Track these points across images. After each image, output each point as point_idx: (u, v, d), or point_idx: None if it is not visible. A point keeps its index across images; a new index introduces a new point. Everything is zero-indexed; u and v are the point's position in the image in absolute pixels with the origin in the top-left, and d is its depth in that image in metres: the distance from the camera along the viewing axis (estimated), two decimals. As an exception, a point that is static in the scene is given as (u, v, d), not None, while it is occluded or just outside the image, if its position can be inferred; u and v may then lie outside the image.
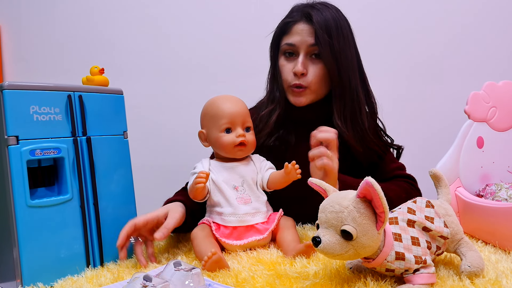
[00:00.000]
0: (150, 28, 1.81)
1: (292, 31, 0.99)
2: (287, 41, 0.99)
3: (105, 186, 0.81)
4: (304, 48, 0.97)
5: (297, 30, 0.98)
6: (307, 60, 0.98)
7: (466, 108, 0.91)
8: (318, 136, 0.85)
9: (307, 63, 0.98)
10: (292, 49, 0.99)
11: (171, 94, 1.81)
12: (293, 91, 1.00)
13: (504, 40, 1.64)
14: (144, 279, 0.59)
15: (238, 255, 0.79)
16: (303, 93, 0.99)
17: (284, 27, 1.00)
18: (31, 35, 1.89)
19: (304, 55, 0.97)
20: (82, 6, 1.84)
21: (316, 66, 0.98)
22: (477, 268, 0.62)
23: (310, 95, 1.00)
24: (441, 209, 0.66)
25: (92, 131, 0.80)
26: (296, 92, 0.99)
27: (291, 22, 0.99)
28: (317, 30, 0.94)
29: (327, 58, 0.95)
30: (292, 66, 0.99)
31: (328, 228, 0.57)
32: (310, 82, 0.98)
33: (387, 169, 1.03)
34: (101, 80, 0.85)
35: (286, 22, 1.00)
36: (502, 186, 0.89)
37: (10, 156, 0.69)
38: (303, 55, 0.97)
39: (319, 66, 0.97)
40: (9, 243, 0.71)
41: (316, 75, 0.97)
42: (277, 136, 1.03)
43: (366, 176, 0.55)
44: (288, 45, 0.99)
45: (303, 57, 0.97)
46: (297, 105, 1.01)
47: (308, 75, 0.97)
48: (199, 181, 0.79)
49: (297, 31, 0.98)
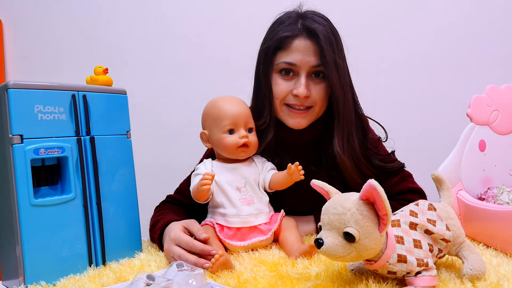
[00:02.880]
0: (154, 28, 1.81)
1: (292, 48, 0.88)
2: (286, 59, 0.89)
3: (108, 186, 0.82)
4: (306, 68, 0.88)
5: (298, 47, 0.88)
6: (309, 81, 0.90)
7: (469, 111, 0.92)
8: None
9: (309, 84, 0.90)
10: (292, 68, 0.90)
11: (174, 93, 1.81)
12: (292, 112, 0.92)
13: (507, 44, 1.65)
14: (148, 279, 0.59)
15: (240, 256, 0.79)
16: (306, 115, 0.92)
17: (281, 42, 0.89)
18: (33, 33, 1.90)
19: (306, 75, 0.89)
20: (85, 5, 1.85)
21: (319, 86, 0.90)
22: (479, 271, 0.62)
23: (312, 116, 0.93)
24: (443, 212, 0.66)
25: (96, 131, 0.80)
26: (296, 113, 0.91)
27: (289, 37, 0.88)
28: (324, 49, 0.85)
29: (335, 79, 0.87)
30: (291, 86, 0.90)
31: (330, 230, 0.58)
32: (314, 102, 0.91)
33: (389, 184, 0.97)
34: (105, 80, 0.86)
35: (284, 37, 0.89)
36: (503, 190, 0.89)
37: (14, 155, 0.69)
38: (304, 76, 0.89)
39: (322, 85, 0.90)
40: (12, 241, 0.71)
41: (319, 96, 0.90)
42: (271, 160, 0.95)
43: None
44: (287, 63, 0.89)
45: (305, 78, 0.89)
46: (296, 128, 0.93)
47: (310, 97, 0.90)
48: (205, 183, 0.79)
49: (297, 48, 0.88)
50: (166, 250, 0.79)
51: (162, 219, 0.88)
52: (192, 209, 0.97)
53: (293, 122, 0.93)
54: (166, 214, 0.90)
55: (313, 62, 0.88)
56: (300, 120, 0.92)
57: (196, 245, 0.75)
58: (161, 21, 1.81)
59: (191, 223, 0.82)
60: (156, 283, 0.58)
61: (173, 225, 0.83)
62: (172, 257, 0.77)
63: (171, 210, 0.94)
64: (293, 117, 0.92)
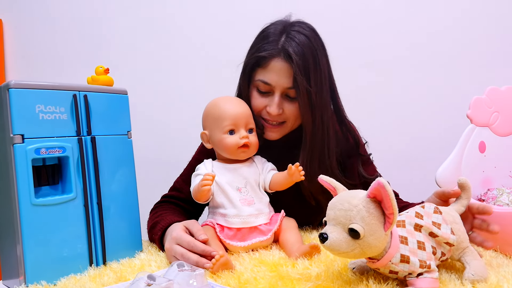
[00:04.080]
0: (155, 28, 1.81)
1: (268, 67, 0.90)
2: (262, 78, 0.92)
3: (108, 186, 0.82)
4: (280, 89, 0.91)
5: (274, 68, 0.90)
6: (282, 100, 0.92)
7: (469, 112, 0.92)
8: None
9: (282, 103, 0.92)
10: (267, 88, 0.92)
11: (175, 93, 1.82)
12: (266, 126, 0.95)
13: (508, 45, 1.65)
14: (148, 279, 0.59)
15: (240, 256, 0.79)
16: (279, 129, 0.95)
17: (259, 61, 0.92)
18: (34, 32, 1.90)
19: (279, 95, 0.91)
20: (86, 4, 1.85)
21: (292, 105, 0.92)
22: (481, 277, 0.62)
23: (285, 130, 0.96)
24: (448, 216, 0.66)
25: (97, 131, 0.80)
26: (269, 127, 0.95)
27: (267, 58, 0.90)
28: (295, 74, 0.87)
29: (304, 103, 0.89)
30: (265, 102, 0.93)
31: (336, 225, 0.58)
32: (287, 118, 0.94)
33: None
34: (106, 80, 0.86)
35: (262, 57, 0.91)
36: (503, 191, 0.89)
37: (16, 155, 0.69)
38: (278, 96, 0.91)
39: (295, 105, 0.92)
40: (13, 241, 0.71)
41: (292, 114, 0.93)
42: None
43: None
44: (263, 82, 0.92)
45: (278, 98, 0.91)
46: (268, 138, 0.96)
47: (283, 113, 0.93)
48: (205, 183, 0.79)
49: (274, 69, 0.90)
50: (167, 249, 0.79)
51: (162, 220, 0.88)
52: (189, 204, 0.98)
53: (266, 135, 0.97)
54: (165, 215, 0.90)
55: (286, 84, 0.90)
56: (272, 134, 0.96)
57: (197, 245, 0.75)
58: (162, 21, 1.81)
59: (192, 223, 0.82)
60: (157, 283, 0.58)
61: (174, 226, 0.83)
62: (174, 256, 0.77)
63: (169, 211, 0.95)
64: (267, 129, 0.96)
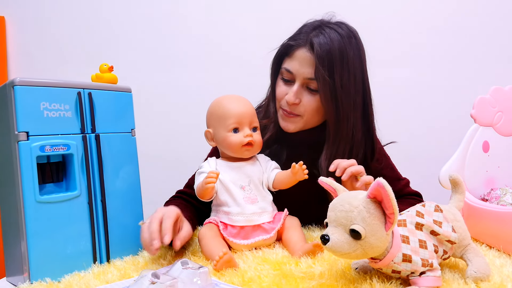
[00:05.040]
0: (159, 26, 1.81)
1: (293, 56, 0.92)
2: (286, 66, 0.93)
3: (112, 183, 0.82)
4: (301, 78, 0.91)
5: (298, 57, 0.91)
6: (302, 90, 0.92)
7: (473, 112, 0.92)
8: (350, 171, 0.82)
9: (301, 93, 0.92)
10: (289, 76, 0.93)
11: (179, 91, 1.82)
12: (283, 115, 0.96)
13: None
14: (152, 277, 0.60)
15: (244, 255, 0.79)
16: (293, 120, 0.95)
17: (287, 49, 0.94)
18: (37, 30, 1.90)
19: (299, 85, 0.91)
20: (90, 1, 1.85)
21: (311, 97, 0.92)
22: (483, 274, 0.62)
23: (300, 124, 0.95)
24: (449, 214, 0.66)
25: (101, 128, 0.81)
26: (286, 116, 0.95)
27: (294, 46, 0.92)
28: (316, 65, 0.87)
29: (325, 95, 0.88)
30: (287, 91, 0.93)
31: (337, 226, 0.58)
32: (303, 112, 0.93)
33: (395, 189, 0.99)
34: (110, 78, 0.86)
35: (290, 45, 0.93)
36: (507, 191, 0.89)
37: (20, 152, 0.70)
38: (298, 85, 0.91)
39: (315, 98, 0.91)
40: (18, 238, 0.71)
41: (310, 107, 0.92)
42: (269, 151, 0.99)
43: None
44: (286, 70, 0.93)
45: (297, 87, 0.91)
46: (285, 130, 0.97)
47: (301, 104, 0.92)
48: (209, 181, 0.79)
49: (297, 57, 0.91)
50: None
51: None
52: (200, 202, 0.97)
53: (282, 124, 0.97)
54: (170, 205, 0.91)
55: (307, 74, 0.90)
56: (287, 124, 0.96)
57: (152, 226, 0.74)
58: (166, 18, 1.81)
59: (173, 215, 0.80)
60: (161, 282, 0.59)
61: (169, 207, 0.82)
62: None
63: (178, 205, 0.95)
64: (283, 119, 0.97)
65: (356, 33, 0.94)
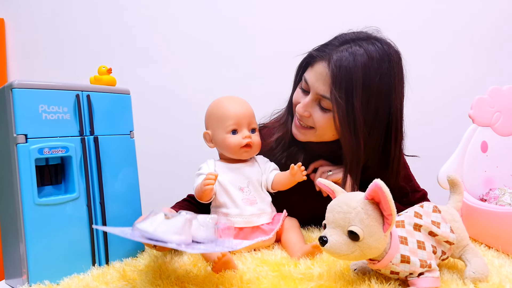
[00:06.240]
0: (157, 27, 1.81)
1: (313, 68, 0.86)
2: (305, 76, 0.88)
3: (111, 185, 0.82)
4: (314, 93, 0.85)
5: (316, 70, 0.85)
6: (314, 104, 0.87)
7: (471, 112, 0.92)
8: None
9: (312, 107, 0.87)
10: (306, 86, 0.88)
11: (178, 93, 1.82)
12: (295, 123, 0.93)
13: (510, 45, 1.65)
14: None
15: (242, 256, 0.79)
16: (304, 131, 0.91)
17: (310, 58, 0.89)
18: (36, 32, 1.90)
19: (312, 99, 0.86)
20: (89, 3, 1.85)
21: (322, 114, 0.86)
22: (482, 274, 0.62)
23: (312, 136, 0.91)
24: (448, 214, 0.66)
25: (100, 131, 0.81)
26: (298, 126, 0.92)
27: (316, 58, 0.86)
28: (330, 84, 0.81)
29: (339, 118, 0.82)
30: (301, 100, 0.89)
31: (335, 228, 0.58)
32: (315, 125, 0.88)
33: (412, 200, 0.98)
34: (108, 80, 0.86)
35: (312, 56, 0.87)
36: (505, 191, 0.89)
37: (19, 154, 0.70)
38: (310, 98, 0.86)
39: (326, 116, 0.85)
40: (16, 240, 0.71)
41: (319, 123, 0.87)
42: (287, 154, 0.97)
43: None
44: (305, 80, 0.88)
45: (309, 100, 0.86)
46: (295, 137, 0.94)
47: (311, 118, 0.88)
48: (208, 182, 0.79)
49: (315, 70, 0.85)
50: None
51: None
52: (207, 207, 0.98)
53: (293, 131, 0.94)
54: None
55: (320, 91, 0.84)
56: (297, 133, 0.93)
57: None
58: (165, 20, 1.81)
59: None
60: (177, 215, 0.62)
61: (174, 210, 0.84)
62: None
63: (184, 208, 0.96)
64: (295, 128, 0.93)
65: (393, 56, 0.84)
